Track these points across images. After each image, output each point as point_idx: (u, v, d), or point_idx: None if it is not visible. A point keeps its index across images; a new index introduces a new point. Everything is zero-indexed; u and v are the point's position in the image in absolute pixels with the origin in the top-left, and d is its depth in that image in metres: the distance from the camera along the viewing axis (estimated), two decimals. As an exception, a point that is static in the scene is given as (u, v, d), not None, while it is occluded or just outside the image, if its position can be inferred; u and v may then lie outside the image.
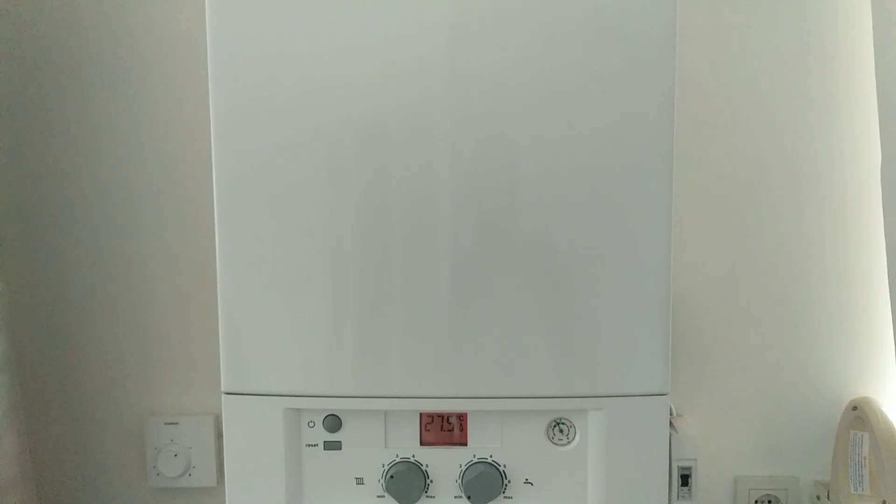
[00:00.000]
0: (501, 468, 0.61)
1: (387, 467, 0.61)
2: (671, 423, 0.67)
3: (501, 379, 0.58)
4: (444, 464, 0.61)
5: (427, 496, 0.61)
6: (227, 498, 0.60)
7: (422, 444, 0.61)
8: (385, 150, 0.57)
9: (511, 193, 0.57)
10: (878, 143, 0.75)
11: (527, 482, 0.61)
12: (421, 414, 0.60)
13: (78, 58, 0.82)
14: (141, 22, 0.82)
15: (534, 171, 0.57)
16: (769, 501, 0.86)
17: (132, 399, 0.86)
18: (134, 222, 0.84)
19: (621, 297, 0.57)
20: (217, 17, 0.56)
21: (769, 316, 0.84)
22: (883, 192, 0.75)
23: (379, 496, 0.61)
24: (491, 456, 0.61)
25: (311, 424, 0.60)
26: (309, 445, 0.61)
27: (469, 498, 0.60)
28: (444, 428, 0.61)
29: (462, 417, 0.60)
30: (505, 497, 0.61)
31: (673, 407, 0.77)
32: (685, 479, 0.69)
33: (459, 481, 0.61)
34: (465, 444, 0.61)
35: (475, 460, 0.61)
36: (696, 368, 0.85)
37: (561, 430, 0.61)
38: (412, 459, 0.61)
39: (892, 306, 0.74)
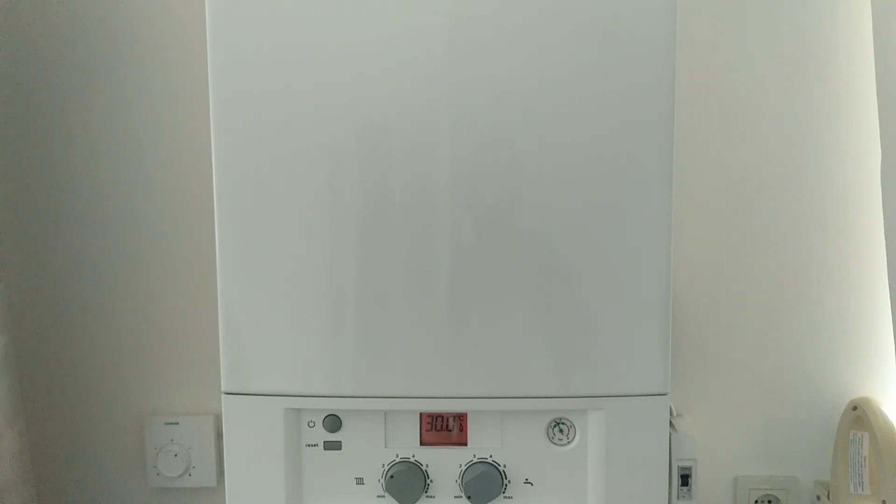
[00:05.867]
0: (501, 468, 0.61)
1: (387, 467, 0.61)
2: (671, 423, 0.67)
3: (501, 379, 0.58)
4: (444, 464, 0.61)
5: (427, 496, 0.61)
6: (227, 498, 0.60)
7: (422, 444, 0.61)
8: (385, 150, 0.57)
9: (511, 193, 0.57)
10: (878, 143, 0.75)
11: (527, 482, 0.61)
12: (421, 414, 0.60)
13: (78, 57, 0.82)
14: (141, 20, 0.82)
15: (534, 171, 0.57)
16: (769, 501, 0.86)
17: (132, 399, 0.86)
18: (134, 222, 0.84)
19: (621, 297, 0.57)
20: (217, 15, 0.56)
21: (769, 316, 0.84)
22: (883, 192, 0.75)
23: (379, 496, 0.61)
24: (491, 456, 0.61)
25: (311, 424, 0.60)
26: (309, 445, 0.61)
27: (469, 498, 0.60)
28: (444, 428, 0.61)
29: (462, 417, 0.60)
30: (505, 497, 0.61)
31: (673, 407, 0.77)
32: (685, 479, 0.69)
33: (459, 481, 0.61)
34: (465, 444, 0.61)
35: (475, 460, 0.61)
36: (696, 368, 0.85)
37: (561, 430, 0.61)
38: (412, 459, 0.61)
39: (892, 306, 0.74)
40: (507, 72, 0.56)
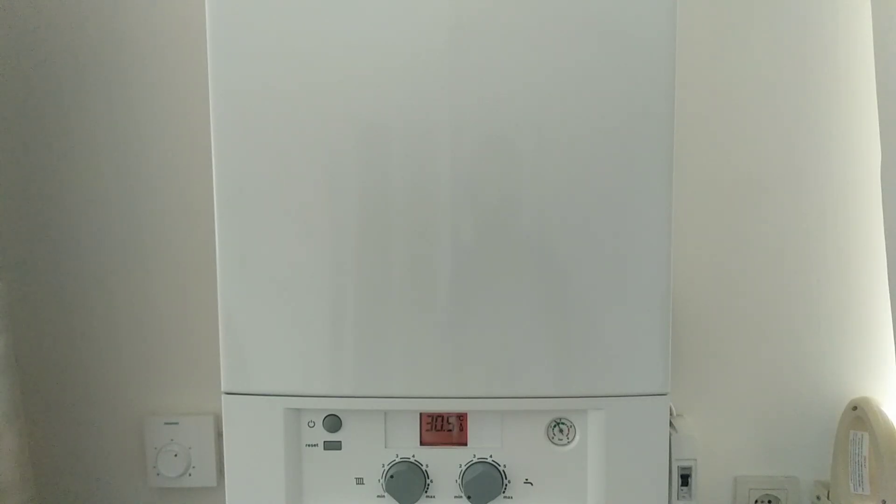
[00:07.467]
0: (501, 468, 0.61)
1: (387, 467, 0.61)
2: (671, 423, 0.68)
3: (501, 379, 0.58)
4: (444, 464, 0.61)
5: (427, 496, 0.61)
6: (227, 498, 0.60)
7: (422, 443, 0.61)
8: (385, 150, 0.57)
9: (511, 193, 0.57)
10: (878, 143, 0.75)
11: (527, 482, 0.61)
12: (421, 414, 0.60)
13: (78, 57, 0.82)
14: (141, 20, 0.82)
15: (534, 171, 0.57)
16: (769, 501, 0.86)
17: (132, 399, 0.86)
18: (134, 222, 0.84)
19: (621, 296, 0.57)
20: (217, 15, 0.56)
21: (769, 316, 0.84)
22: (883, 192, 0.75)
23: (379, 496, 0.61)
24: (491, 456, 0.61)
25: (311, 424, 0.60)
26: (309, 445, 0.61)
27: (469, 498, 0.60)
28: (444, 428, 0.61)
29: (462, 417, 0.60)
30: (505, 497, 0.61)
31: (673, 407, 0.77)
32: (685, 479, 0.69)
33: (459, 481, 0.61)
34: (465, 444, 0.61)
35: (475, 460, 0.61)
36: (696, 368, 0.85)
37: (561, 430, 0.61)
38: (412, 459, 0.61)
39: (892, 306, 0.74)
40: (507, 72, 0.56)
